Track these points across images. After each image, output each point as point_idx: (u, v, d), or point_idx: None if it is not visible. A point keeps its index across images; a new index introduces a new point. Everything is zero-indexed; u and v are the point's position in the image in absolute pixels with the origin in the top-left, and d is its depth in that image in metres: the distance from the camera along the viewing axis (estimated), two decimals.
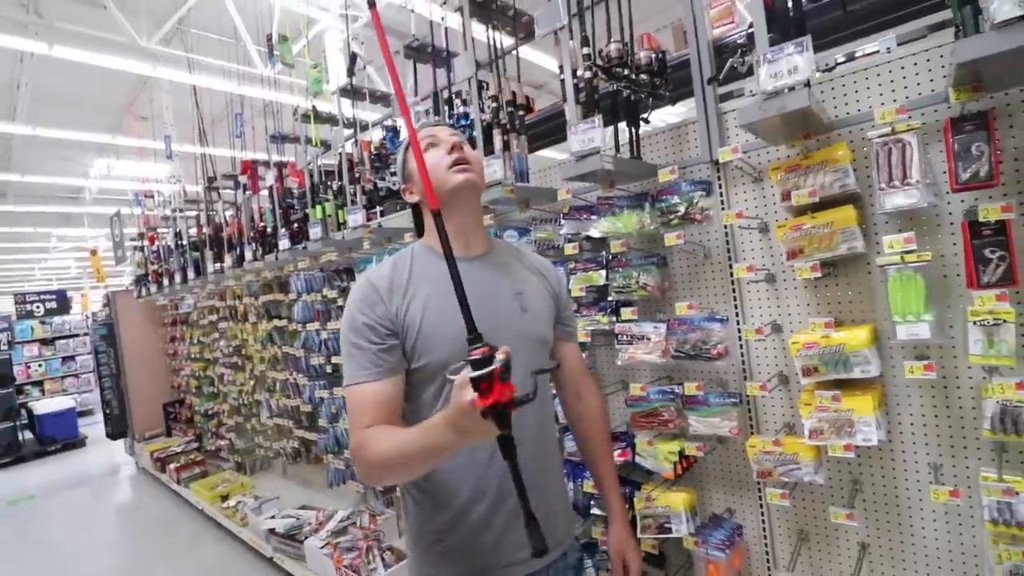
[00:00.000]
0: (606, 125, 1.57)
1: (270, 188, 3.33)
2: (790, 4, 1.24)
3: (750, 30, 1.38)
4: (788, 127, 1.33)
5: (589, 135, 1.47)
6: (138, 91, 6.25)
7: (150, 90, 5.98)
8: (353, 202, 2.48)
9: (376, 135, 2.65)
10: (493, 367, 0.70)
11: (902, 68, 1.36)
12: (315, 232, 2.71)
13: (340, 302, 3.07)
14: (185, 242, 4.37)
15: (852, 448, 1.32)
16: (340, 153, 2.57)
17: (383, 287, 1.04)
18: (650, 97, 1.67)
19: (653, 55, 1.60)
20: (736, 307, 1.69)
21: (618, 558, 1.23)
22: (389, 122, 2.31)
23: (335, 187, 2.67)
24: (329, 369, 3.32)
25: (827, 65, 1.40)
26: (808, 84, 1.16)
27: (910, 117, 1.23)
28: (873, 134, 1.24)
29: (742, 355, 1.68)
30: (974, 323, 1.15)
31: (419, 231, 1.22)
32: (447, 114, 2.12)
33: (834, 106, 1.46)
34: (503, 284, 1.13)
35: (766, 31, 1.16)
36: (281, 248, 3.01)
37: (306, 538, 2.98)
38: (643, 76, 1.60)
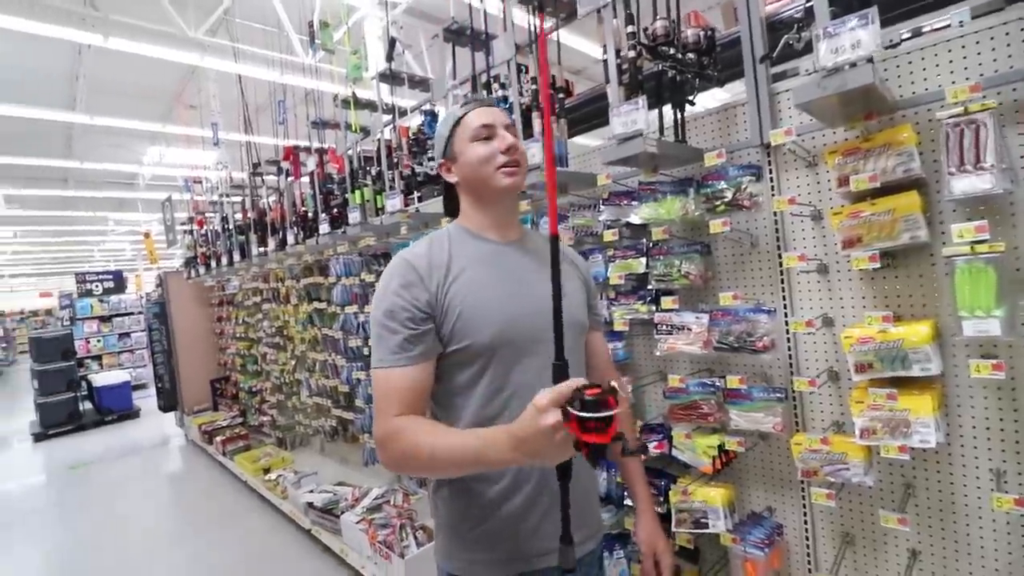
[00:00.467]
0: (650, 108, 1.52)
1: (311, 173, 3.40)
2: None
3: (808, 3, 1.30)
4: (848, 107, 1.25)
5: (632, 117, 1.42)
6: (187, 80, 6.48)
7: (198, 79, 6.19)
8: (391, 187, 2.50)
9: (414, 121, 2.66)
10: (613, 413, 0.69)
11: (976, 43, 1.25)
12: (354, 217, 2.75)
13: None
14: (231, 226, 4.52)
15: (907, 450, 1.25)
16: (379, 139, 2.59)
17: (422, 267, 1.01)
18: (697, 78, 1.60)
19: (701, 33, 1.53)
20: (784, 298, 1.62)
21: (649, 551, 1.21)
22: (428, 106, 2.31)
23: (374, 172, 2.70)
24: (366, 351, 3.39)
25: (891, 41, 1.30)
26: (871, 60, 1.08)
27: (984, 96, 1.13)
28: (943, 114, 1.15)
29: (789, 349, 1.62)
30: None
31: (449, 211, 1.20)
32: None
33: (898, 85, 1.36)
34: (540, 268, 1.11)
35: (827, 3, 1.09)
36: (321, 232, 3.08)
37: (342, 513, 3.08)
38: (690, 55, 1.54)
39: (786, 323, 1.60)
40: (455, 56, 2.14)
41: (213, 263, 5.00)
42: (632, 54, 1.45)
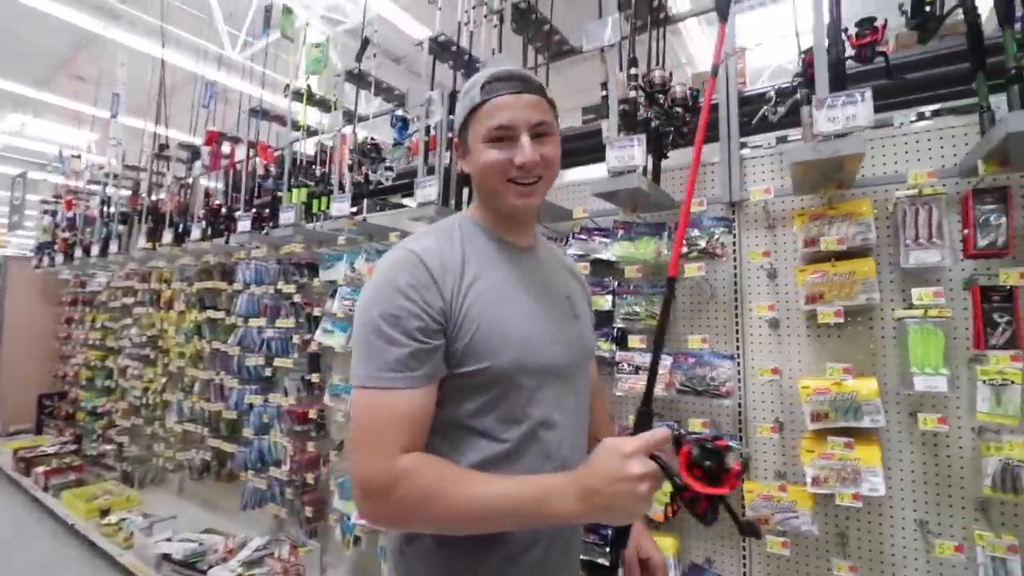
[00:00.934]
0: None
1: (230, 165, 3.05)
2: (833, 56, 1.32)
3: (791, 82, 1.45)
4: (822, 175, 1.39)
5: (629, 152, 1.46)
6: (82, 47, 5.67)
7: (97, 48, 5.44)
8: (342, 189, 2.30)
9: (368, 129, 2.52)
10: (732, 463, 0.66)
11: (917, 142, 1.47)
12: (287, 217, 2.48)
13: (296, 298, 2.81)
14: (113, 211, 3.86)
15: (860, 498, 1.32)
16: (331, 138, 2.41)
17: (434, 265, 0.80)
18: (677, 134, 1.71)
19: (688, 91, 1.64)
20: (737, 347, 1.70)
21: (633, 550, 1.01)
22: (401, 112, 2.20)
23: (318, 173, 2.48)
24: (268, 372, 2.99)
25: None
26: (837, 136, 1.21)
27: (944, 183, 1.31)
28: (901, 194, 1.32)
29: (740, 397, 1.68)
30: (983, 382, 1.21)
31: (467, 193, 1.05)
32: None
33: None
34: (554, 285, 0.98)
35: (827, 76, 1.21)
36: (240, 230, 2.73)
37: (210, 567, 2.56)
38: (677, 109, 1.64)
39: (738, 371, 1.67)
40: (434, 69, 2.08)
41: (78, 252, 4.20)
42: (633, 94, 1.50)
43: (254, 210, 2.90)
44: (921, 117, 1.61)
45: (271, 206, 2.80)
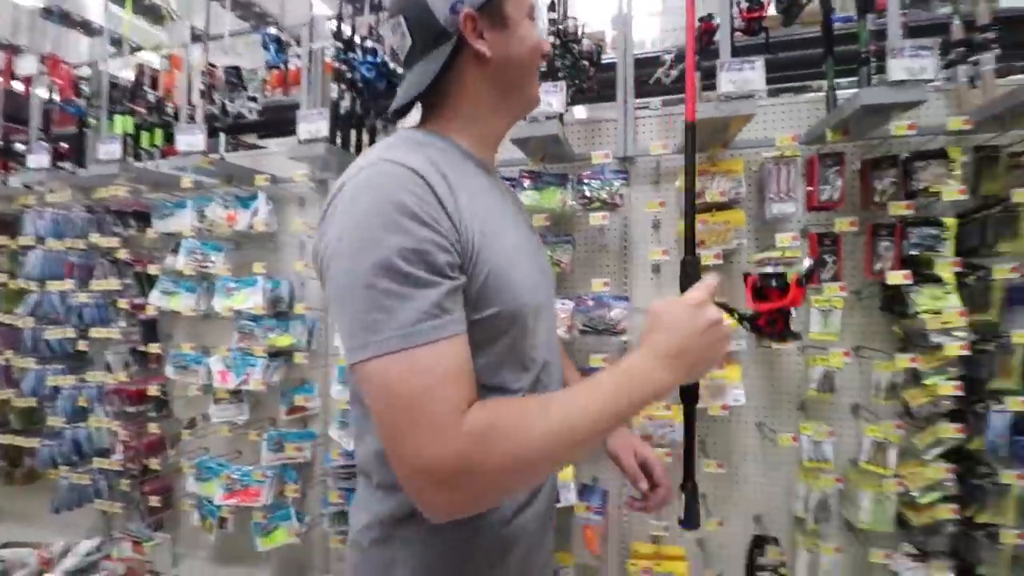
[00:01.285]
0: None
1: (6, 83, 2.29)
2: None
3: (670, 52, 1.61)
4: (713, 134, 1.57)
5: (548, 99, 1.47)
6: None
7: None
8: (191, 119, 1.90)
9: (216, 55, 2.11)
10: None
11: (774, 114, 1.76)
12: (109, 151, 1.97)
13: (123, 254, 2.28)
14: None
15: (727, 408, 1.60)
16: (163, 59, 1.95)
17: (437, 185, 0.64)
18: (578, 89, 1.77)
19: (594, 47, 1.70)
20: (626, 291, 1.88)
21: (628, 452, 1.01)
22: (273, 31, 1.85)
23: (152, 99, 2.01)
24: (83, 346, 2.42)
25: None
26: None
27: (794, 147, 1.58)
28: (768, 155, 1.57)
29: (629, 334, 1.88)
30: (817, 308, 1.54)
31: (410, 105, 0.80)
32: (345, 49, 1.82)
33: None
34: (521, 213, 0.90)
35: (731, 45, 1.37)
36: (33, 166, 2.09)
37: None
38: (584, 62, 1.69)
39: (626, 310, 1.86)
40: None
41: None
42: (553, 39, 1.51)
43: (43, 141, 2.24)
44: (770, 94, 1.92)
45: (76, 139, 2.20)
